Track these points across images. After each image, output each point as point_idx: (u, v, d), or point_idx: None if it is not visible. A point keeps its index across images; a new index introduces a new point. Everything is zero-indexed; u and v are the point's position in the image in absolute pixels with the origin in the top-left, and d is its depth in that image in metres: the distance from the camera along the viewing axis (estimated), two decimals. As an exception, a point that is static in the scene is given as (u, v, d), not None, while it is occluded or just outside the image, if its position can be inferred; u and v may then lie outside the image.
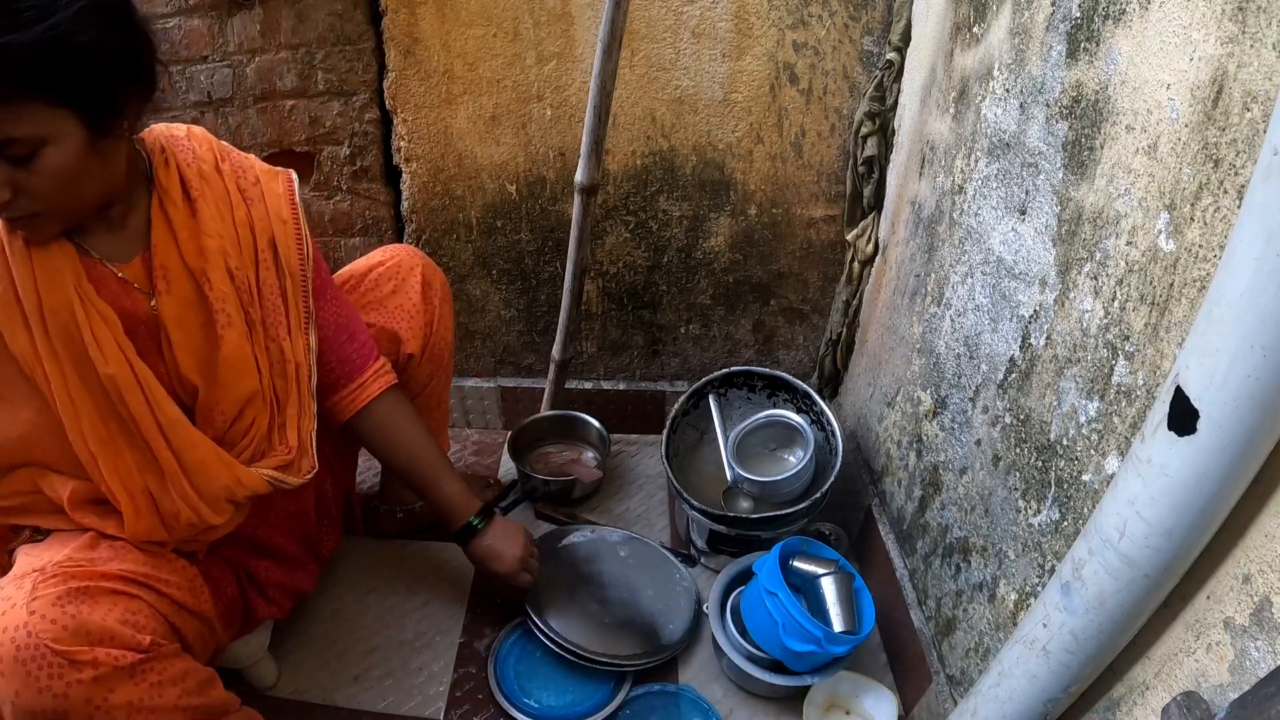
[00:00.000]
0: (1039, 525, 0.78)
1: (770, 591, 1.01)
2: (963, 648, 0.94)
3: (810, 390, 1.29)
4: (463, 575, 1.29)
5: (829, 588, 1.04)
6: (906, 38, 1.21)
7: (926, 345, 1.09)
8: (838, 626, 1.01)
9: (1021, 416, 0.83)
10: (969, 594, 0.93)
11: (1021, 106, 0.85)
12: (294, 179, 0.97)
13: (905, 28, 1.21)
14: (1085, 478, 0.71)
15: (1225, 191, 0.55)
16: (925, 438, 1.09)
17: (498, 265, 1.52)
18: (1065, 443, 0.74)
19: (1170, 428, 0.51)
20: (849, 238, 1.38)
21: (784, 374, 1.33)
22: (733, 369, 1.36)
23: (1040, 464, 0.79)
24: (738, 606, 1.11)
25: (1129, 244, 0.66)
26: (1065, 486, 0.74)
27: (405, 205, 1.47)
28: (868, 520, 1.25)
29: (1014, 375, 0.85)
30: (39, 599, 0.71)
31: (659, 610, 1.18)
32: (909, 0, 1.20)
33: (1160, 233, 0.62)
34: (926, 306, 1.10)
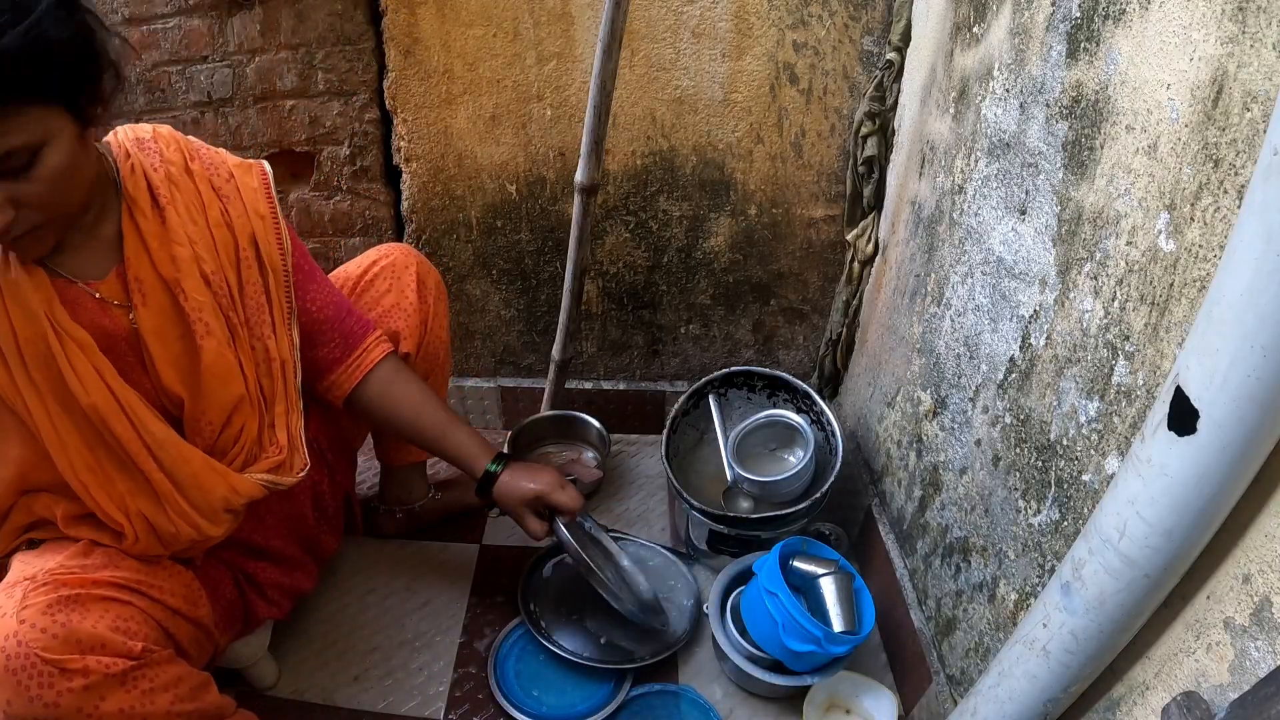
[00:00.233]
0: (1039, 525, 0.78)
1: (770, 591, 1.01)
2: (963, 648, 0.94)
3: (810, 390, 1.29)
4: (463, 575, 1.29)
5: (829, 588, 1.04)
6: (906, 38, 1.21)
7: (926, 345, 1.09)
8: (838, 626, 1.01)
9: (1021, 416, 0.83)
10: (969, 594, 0.93)
11: (1021, 106, 0.85)
12: (268, 171, 0.95)
13: (905, 28, 1.21)
14: (1085, 478, 0.71)
15: (1225, 191, 0.55)
16: (925, 438, 1.09)
17: (498, 265, 1.52)
18: (1065, 443, 0.75)
19: (1170, 428, 0.51)
20: (849, 238, 1.38)
21: (784, 374, 1.33)
22: (733, 369, 1.36)
23: (1040, 464, 0.79)
24: (738, 606, 1.11)
25: (1129, 244, 0.66)
26: (1065, 486, 0.74)
27: (405, 205, 1.47)
28: (868, 520, 1.26)
29: (1014, 375, 0.85)
30: (29, 607, 0.70)
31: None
32: (909, 0, 1.20)
33: (1160, 233, 0.62)
34: (926, 306, 1.10)
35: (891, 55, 1.23)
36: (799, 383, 1.31)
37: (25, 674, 0.68)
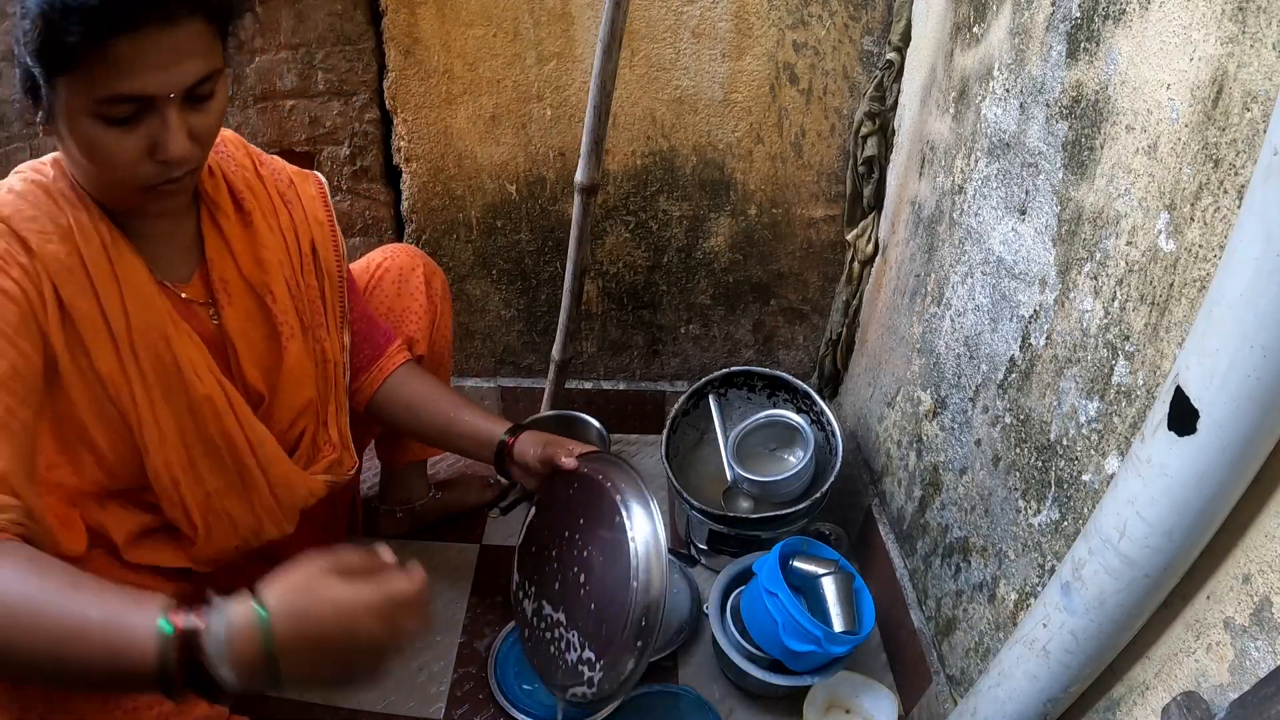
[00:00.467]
0: (1039, 525, 0.78)
1: (770, 591, 1.00)
2: (963, 648, 0.94)
3: (810, 390, 1.29)
4: (463, 575, 1.29)
5: (829, 588, 1.04)
6: (906, 38, 1.21)
7: (926, 345, 1.09)
8: (838, 626, 1.01)
9: (1021, 416, 0.83)
10: (969, 594, 0.93)
11: (1021, 106, 0.85)
12: (324, 181, 0.98)
13: (905, 28, 1.21)
14: (1085, 478, 0.71)
15: (1225, 191, 0.55)
16: (925, 438, 1.09)
17: (498, 265, 1.52)
18: (1065, 443, 0.74)
19: (1170, 428, 0.51)
20: (849, 238, 1.38)
21: (784, 374, 1.33)
22: (733, 369, 1.36)
23: (1040, 464, 0.79)
24: (738, 606, 1.10)
25: (1129, 244, 0.66)
26: (1065, 486, 0.74)
27: (405, 205, 1.47)
28: (868, 520, 1.25)
29: (1014, 375, 0.85)
30: None
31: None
32: (909, 0, 1.20)
33: (1160, 233, 0.62)
34: (926, 306, 1.10)
35: (891, 55, 1.23)
36: (799, 383, 1.31)
37: (6, 693, 0.66)
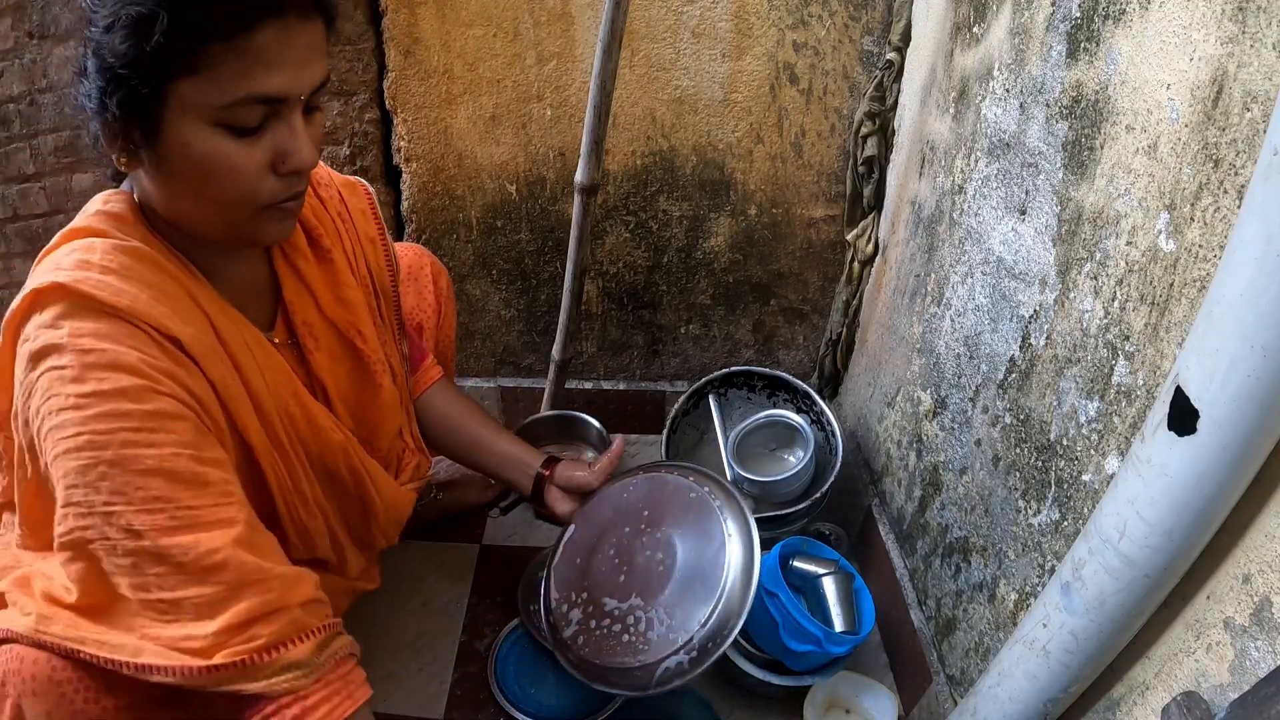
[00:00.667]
0: (1039, 525, 0.78)
1: (770, 591, 1.00)
2: (963, 648, 0.94)
3: (810, 390, 1.29)
4: (463, 575, 1.29)
5: (829, 588, 1.04)
6: (906, 38, 1.21)
7: (926, 345, 1.09)
8: (838, 626, 1.01)
9: (1021, 416, 0.83)
10: (969, 594, 0.93)
11: (1021, 106, 0.85)
12: (371, 190, 0.94)
13: (905, 28, 1.21)
14: (1085, 478, 0.71)
15: (1225, 191, 0.55)
16: (925, 438, 1.09)
17: (498, 265, 1.52)
18: (1065, 443, 0.74)
19: (1170, 428, 0.51)
20: (849, 238, 1.38)
21: (784, 374, 1.33)
22: (733, 369, 1.36)
23: (1040, 464, 0.79)
24: (738, 606, 1.10)
25: (1129, 244, 0.66)
26: (1065, 486, 0.74)
27: (405, 205, 1.47)
28: (868, 520, 1.25)
29: (1014, 375, 0.85)
30: None
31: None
32: (909, 0, 1.20)
33: (1160, 233, 0.62)
34: (926, 306, 1.10)
35: (891, 55, 1.23)
36: (799, 383, 1.31)
37: (70, 686, 0.64)
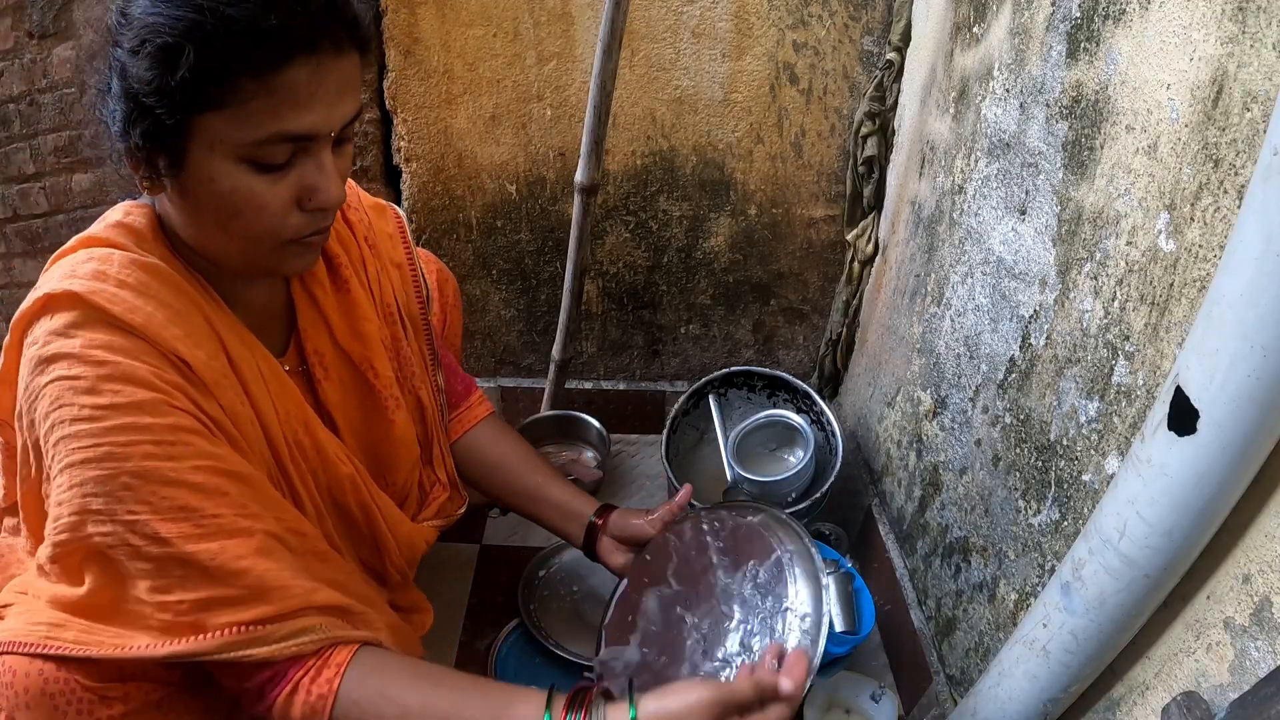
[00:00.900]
0: (1039, 525, 0.78)
1: (770, 591, 1.00)
2: (963, 648, 0.94)
3: (810, 390, 1.29)
4: (463, 575, 1.29)
5: (829, 588, 1.04)
6: (906, 38, 1.21)
7: (926, 345, 1.09)
8: (838, 627, 1.01)
9: (1021, 416, 0.83)
10: (969, 594, 0.93)
11: (1021, 106, 0.85)
12: (402, 215, 0.92)
13: (905, 28, 1.21)
14: (1085, 478, 0.71)
15: (1225, 191, 0.55)
16: (925, 438, 1.09)
17: (498, 265, 1.52)
18: (1065, 443, 0.75)
19: (1170, 428, 0.51)
20: (849, 238, 1.38)
21: (784, 374, 1.33)
22: (733, 369, 1.35)
23: (1040, 464, 0.79)
24: (738, 606, 1.10)
25: (1129, 244, 0.66)
26: (1065, 486, 0.74)
27: (405, 205, 1.47)
28: (868, 520, 1.25)
29: (1014, 375, 0.85)
30: None
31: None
32: (909, 0, 1.20)
33: (1160, 233, 0.62)
34: (926, 306, 1.10)
35: (891, 55, 1.23)
36: (799, 383, 1.31)
37: (64, 698, 0.64)
